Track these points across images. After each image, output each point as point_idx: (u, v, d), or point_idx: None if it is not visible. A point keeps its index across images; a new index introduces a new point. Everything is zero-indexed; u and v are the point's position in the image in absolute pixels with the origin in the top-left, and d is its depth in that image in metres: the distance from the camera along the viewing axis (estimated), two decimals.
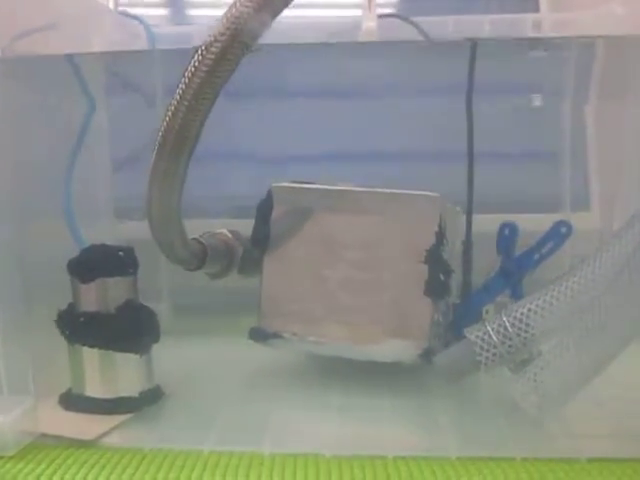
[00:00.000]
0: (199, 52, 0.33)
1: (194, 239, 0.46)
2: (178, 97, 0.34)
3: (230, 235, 0.50)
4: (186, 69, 0.34)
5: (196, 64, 0.33)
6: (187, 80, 0.34)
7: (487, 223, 0.52)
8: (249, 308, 0.49)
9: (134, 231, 0.45)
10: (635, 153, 0.59)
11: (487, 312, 0.50)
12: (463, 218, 0.52)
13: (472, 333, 0.42)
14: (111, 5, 0.67)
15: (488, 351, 0.42)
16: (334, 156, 0.64)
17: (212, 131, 0.63)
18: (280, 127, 0.64)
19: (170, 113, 0.35)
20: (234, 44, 0.33)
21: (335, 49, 0.62)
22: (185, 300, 0.62)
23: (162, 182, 0.37)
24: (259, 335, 0.48)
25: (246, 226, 0.50)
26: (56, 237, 0.53)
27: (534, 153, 0.66)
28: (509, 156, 0.66)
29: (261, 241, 0.48)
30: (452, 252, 0.49)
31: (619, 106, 0.61)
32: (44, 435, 0.40)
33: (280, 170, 0.63)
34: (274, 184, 0.49)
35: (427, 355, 0.44)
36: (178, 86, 0.34)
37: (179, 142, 0.35)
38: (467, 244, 0.54)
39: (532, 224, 0.52)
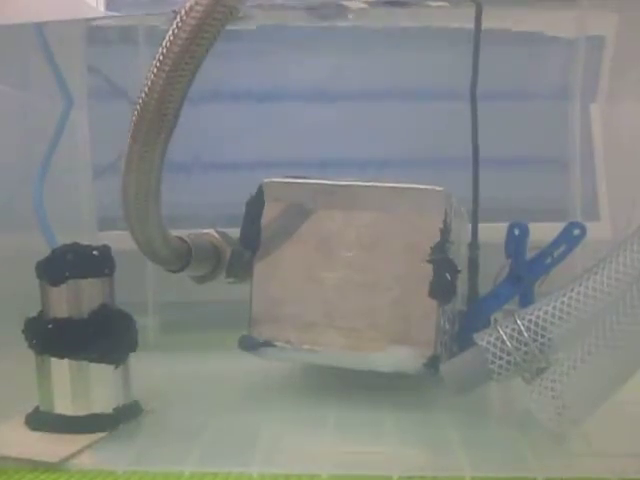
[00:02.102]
0: (178, 17, 0.30)
1: (178, 237, 0.42)
2: (155, 69, 0.31)
3: (217, 236, 0.46)
4: (164, 37, 0.30)
5: (175, 31, 0.30)
6: (165, 49, 0.30)
7: (492, 232, 0.48)
8: (239, 322, 0.45)
9: (118, 242, 0.41)
10: None
11: (495, 321, 0.47)
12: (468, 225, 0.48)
13: (483, 339, 0.38)
14: (101, 8, 0.64)
15: (501, 358, 0.38)
16: (327, 162, 0.61)
17: (200, 138, 0.61)
18: (270, 132, 0.61)
19: (146, 88, 0.31)
20: (217, 7, 0.29)
21: (324, 46, 0.59)
22: (172, 315, 0.59)
23: (138, 167, 0.34)
24: (249, 344, 0.44)
25: (237, 234, 0.46)
26: (28, 243, 0.50)
27: (541, 158, 0.63)
28: (515, 162, 0.63)
29: (251, 241, 0.45)
30: (458, 254, 0.46)
31: (630, 104, 0.58)
32: (5, 458, 0.36)
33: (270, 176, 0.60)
34: (265, 179, 0.45)
35: (433, 364, 0.40)
36: (155, 57, 0.31)
37: (157, 120, 0.32)
38: (473, 247, 0.51)
39: (539, 233, 0.48)
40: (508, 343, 0.37)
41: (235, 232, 0.47)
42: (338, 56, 0.60)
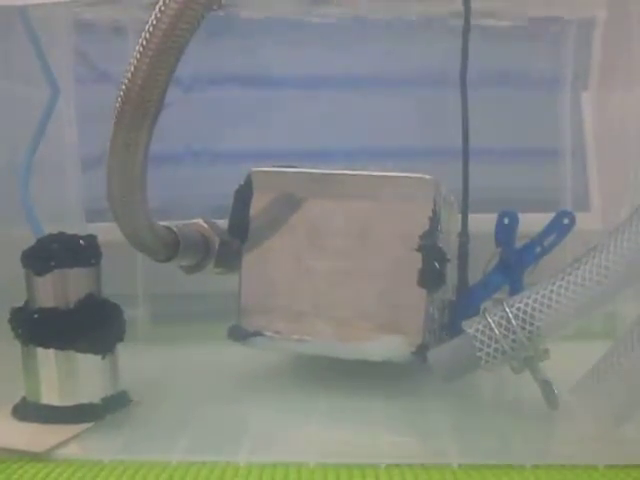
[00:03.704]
0: (161, 1, 0.29)
1: (165, 227, 0.42)
2: (138, 54, 0.30)
3: (206, 225, 0.46)
4: (147, 21, 0.30)
5: (158, 15, 0.29)
6: (148, 34, 0.30)
7: (483, 223, 0.48)
8: (229, 314, 0.45)
9: (109, 233, 0.41)
10: None
11: (485, 309, 0.46)
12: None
13: (471, 326, 0.38)
14: None
15: (489, 346, 0.38)
16: (319, 152, 0.61)
17: (193, 129, 0.61)
18: (260, 122, 0.61)
19: (129, 73, 0.31)
20: None
21: (312, 35, 0.59)
22: (163, 307, 0.59)
23: (123, 154, 0.33)
24: (238, 334, 0.44)
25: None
26: (16, 234, 0.49)
27: (531, 148, 0.63)
28: (505, 152, 0.63)
29: (240, 231, 0.44)
30: (448, 243, 0.46)
31: (622, 92, 0.57)
32: None
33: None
34: (253, 168, 0.45)
35: (421, 352, 0.40)
36: (138, 42, 0.30)
37: (141, 106, 0.31)
38: (463, 237, 0.50)
39: (530, 224, 0.48)
40: (496, 331, 0.37)
41: (226, 223, 0.47)
42: (328, 46, 0.60)
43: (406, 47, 0.59)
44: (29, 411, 0.39)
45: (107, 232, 0.40)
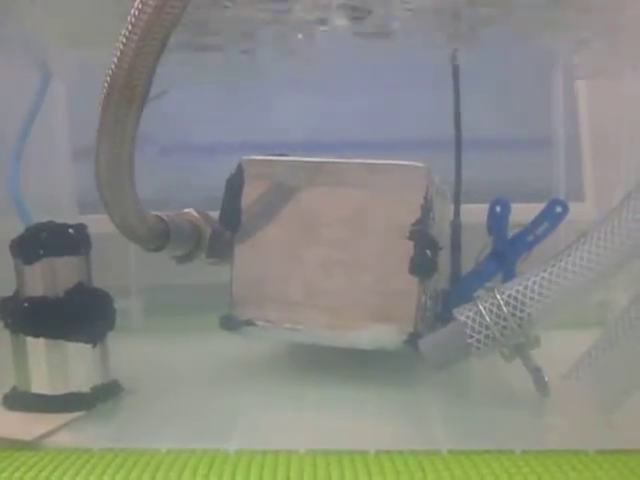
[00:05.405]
0: None
1: (155, 215, 0.42)
2: (124, 39, 0.30)
3: (197, 215, 0.46)
4: (132, 6, 0.30)
5: None
6: (133, 19, 0.30)
7: (476, 213, 0.48)
8: (222, 305, 0.44)
9: (100, 225, 0.40)
10: (635, 136, 0.56)
11: (477, 298, 0.46)
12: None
13: (462, 313, 0.38)
14: None
15: (480, 333, 0.37)
16: (311, 146, 0.61)
17: (187, 122, 0.60)
18: (256, 115, 0.60)
19: (116, 59, 0.31)
20: None
21: None
22: (156, 298, 0.59)
23: (110, 141, 0.33)
24: (230, 323, 0.44)
25: None
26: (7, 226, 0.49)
27: (525, 138, 0.62)
28: (498, 142, 0.62)
29: (231, 220, 0.44)
30: (440, 232, 0.45)
31: (616, 82, 0.57)
32: None
33: None
34: (244, 157, 0.45)
35: (413, 341, 0.40)
36: (125, 26, 0.30)
37: (128, 92, 0.31)
38: (455, 225, 0.50)
39: (523, 214, 0.48)
40: (487, 317, 0.37)
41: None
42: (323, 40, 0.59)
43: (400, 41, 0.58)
44: (20, 400, 0.39)
45: (100, 223, 0.39)
